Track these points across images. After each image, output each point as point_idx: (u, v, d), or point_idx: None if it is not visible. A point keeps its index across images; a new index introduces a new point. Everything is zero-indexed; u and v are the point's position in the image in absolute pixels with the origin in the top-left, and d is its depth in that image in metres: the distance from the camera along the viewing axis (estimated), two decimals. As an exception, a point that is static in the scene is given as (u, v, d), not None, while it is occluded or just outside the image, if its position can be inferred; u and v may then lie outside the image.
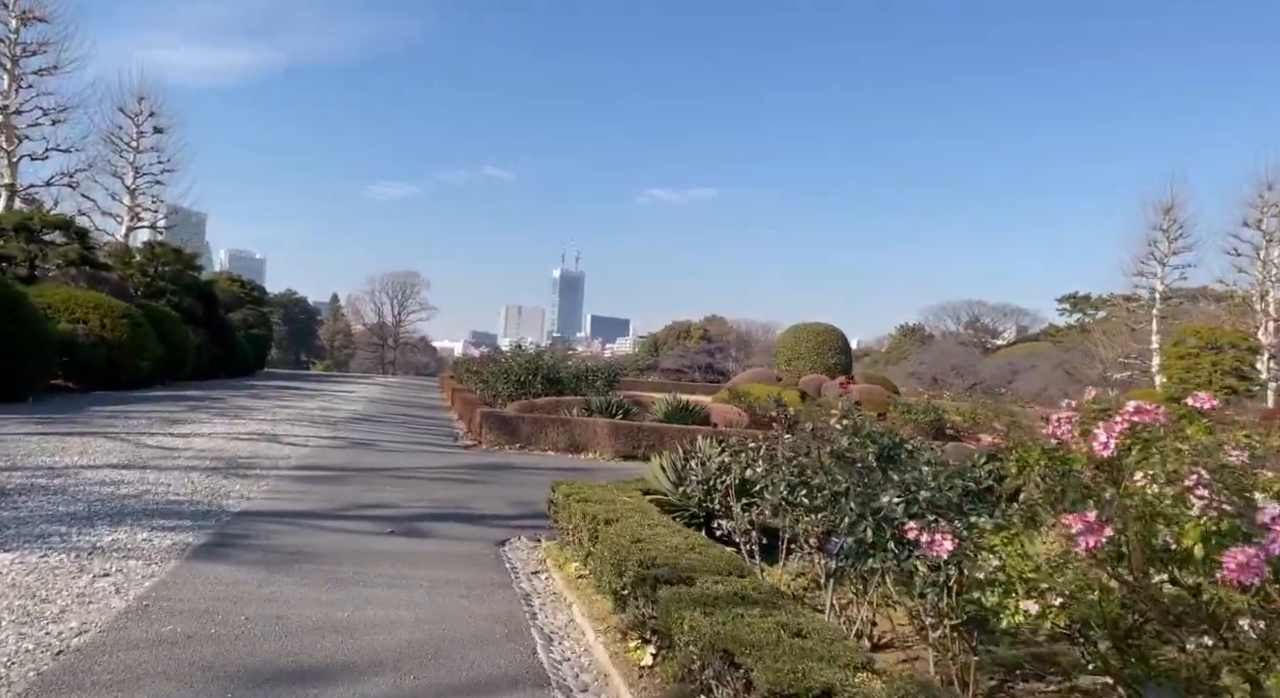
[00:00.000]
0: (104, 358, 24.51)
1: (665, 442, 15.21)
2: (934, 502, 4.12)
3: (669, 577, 4.71)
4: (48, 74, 34.65)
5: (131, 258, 33.71)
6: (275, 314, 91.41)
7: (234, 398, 23.29)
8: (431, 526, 8.37)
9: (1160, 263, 49.24)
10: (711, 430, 15.37)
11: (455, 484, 11.03)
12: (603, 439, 15.46)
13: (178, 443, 12.81)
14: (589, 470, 13.40)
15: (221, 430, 14.93)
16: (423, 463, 12.85)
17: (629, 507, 6.85)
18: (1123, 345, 50.12)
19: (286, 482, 10.12)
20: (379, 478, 10.99)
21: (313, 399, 25.39)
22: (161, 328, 28.52)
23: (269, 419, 17.55)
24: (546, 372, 19.53)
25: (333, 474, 11.01)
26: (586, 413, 16.95)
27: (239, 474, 10.28)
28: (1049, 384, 71.86)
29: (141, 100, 43.19)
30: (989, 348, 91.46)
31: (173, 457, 11.32)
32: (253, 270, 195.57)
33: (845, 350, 35.54)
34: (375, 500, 9.38)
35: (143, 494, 8.50)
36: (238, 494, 8.97)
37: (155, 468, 10.24)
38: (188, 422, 15.97)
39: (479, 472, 12.42)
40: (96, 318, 25.04)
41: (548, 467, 13.55)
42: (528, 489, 10.96)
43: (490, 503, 9.89)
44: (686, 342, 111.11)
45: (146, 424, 15.12)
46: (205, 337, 34.23)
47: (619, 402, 17.22)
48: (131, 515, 7.49)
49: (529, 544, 8.21)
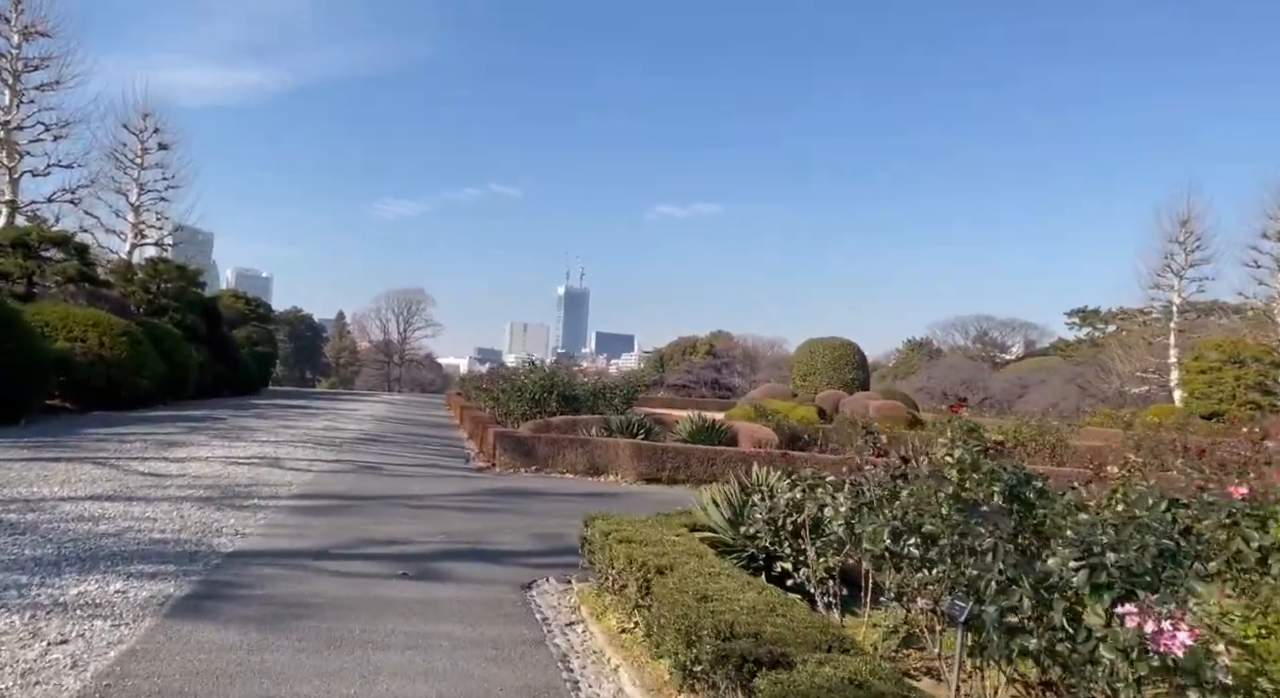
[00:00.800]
0: (102, 377, 23.60)
1: (691, 464, 14.24)
2: (1129, 567, 3.12)
3: (760, 656, 3.71)
4: (49, 89, 33.93)
5: (134, 275, 32.85)
6: (281, 331, 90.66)
7: (236, 418, 22.33)
8: (449, 566, 7.37)
9: (1177, 275, 48.22)
10: (740, 453, 14.37)
11: (471, 514, 10.03)
12: (624, 461, 14.46)
13: (171, 469, 11.83)
14: (614, 496, 12.40)
15: (220, 454, 13.95)
16: (434, 489, 11.85)
17: (681, 549, 5.86)
18: (1139, 359, 49.00)
19: (286, 513, 9.13)
20: (388, 507, 9.99)
21: (317, 418, 24.42)
22: (163, 346, 27.62)
23: (271, 441, 16.57)
24: (562, 389, 18.53)
25: (337, 504, 10.02)
26: (606, 433, 15.95)
27: (234, 505, 9.30)
28: (1060, 399, 70.79)
29: (146, 116, 42.53)
30: (998, 363, 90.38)
31: (163, 485, 10.33)
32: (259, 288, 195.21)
33: (862, 365, 34.55)
34: (384, 535, 8.39)
35: (123, 533, 7.51)
36: (231, 530, 7.98)
37: (143, 499, 9.26)
38: (185, 444, 15.00)
39: (496, 499, 11.41)
40: (95, 336, 24.14)
41: (569, 492, 12.54)
42: (550, 519, 9.96)
43: (511, 536, 8.88)
44: (693, 357, 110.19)
45: (140, 448, 14.16)
46: (208, 354, 33.32)
47: (639, 420, 16.22)
48: (107, 560, 6.51)
49: (559, 587, 7.21)
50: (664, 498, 12.40)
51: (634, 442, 14.51)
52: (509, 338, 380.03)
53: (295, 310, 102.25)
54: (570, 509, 10.76)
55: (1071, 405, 67.82)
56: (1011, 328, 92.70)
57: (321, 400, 39.15)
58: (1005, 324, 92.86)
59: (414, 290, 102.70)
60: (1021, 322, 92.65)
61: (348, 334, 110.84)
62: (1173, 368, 48.13)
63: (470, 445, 19.69)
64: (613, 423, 16.10)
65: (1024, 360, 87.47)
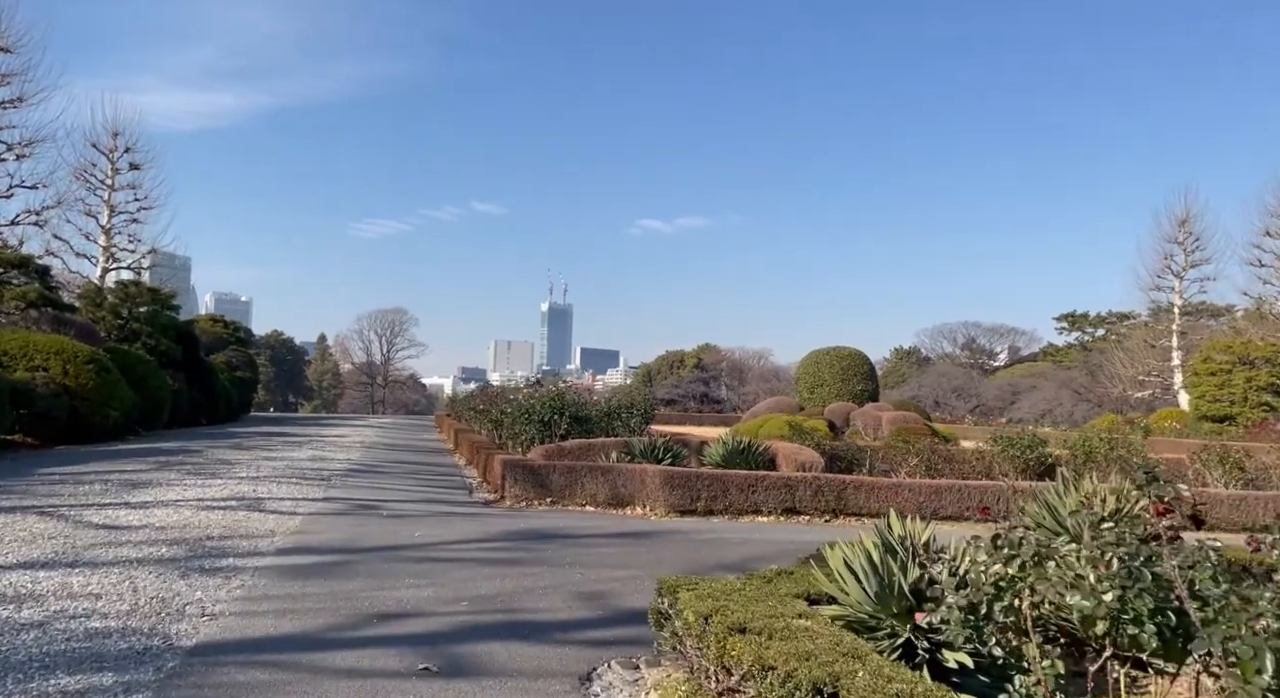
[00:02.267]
0: (66, 409, 21.57)
1: (729, 492, 12.50)
2: None
3: None
4: (11, 107, 31.97)
5: (104, 299, 30.78)
6: (262, 356, 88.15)
7: (214, 450, 20.35)
8: (481, 649, 5.59)
9: (1177, 276, 47.25)
10: (783, 478, 12.65)
11: (493, 568, 8.23)
12: (653, 491, 12.70)
13: (132, 518, 9.95)
14: (650, 536, 10.62)
15: (192, 496, 12.06)
16: (443, 533, 10.04)
17: (826, 644, 4.12)
18: (1141, 363, 47.83)
19: (269, 578, 7.30)
20: (393, 563, 8.18)
21: (302, 447, 22.46)
22: (134, 373, 25.57)
23: (251, 477, 14.67)
24: (574, 410, 16.74)
25: (331, 560, 8.20)
26: (628, 458, 14.18)
27: (203, 568, 7.46)
28: (1054, 405, 69.69)
29: (116, 135, 40.59)
30: (987, 369, 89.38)
31: (118, 542, 8.47)
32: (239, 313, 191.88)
33: (871, 376, 32.98)
34: (394, 605, 6.59)
35: (51, 621, 5.67)
36: (196, 609, 6.16)
37: (88, 564, 7.41)
38: (152, 485, 13.09)
39: (516, 544, 9.61)
40: (58, 364, 22.12)
41: (597, 531, 10.75)
42: (588, 571, 8.19)
43: (548, 599, 7.10)
44: (680, 371, 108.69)
45: (100, 490, 12.24)
46: (185, 381, 31.22)
47: (664, 443, 14.44)
48: (16, 671, 4.68)
49: (626, 677, 5.44)
50: (709, 536, 10.66)
51: (664, 469, 12.75)
52: (493, 356, 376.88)
53: (276, 334, 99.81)
54: (608, 556, 9.00)
55: (1065, 411, 66.70)
56: (999, 334, 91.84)
57: (306, 426, 37.05)
58: (993, 330, 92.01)
59: (396, 310, 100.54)
60: (1009, 327, 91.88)
61: (330, 357, 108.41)
62: (1175, 371, 47.00)
63: (470, 473, 17.86)
64: (635, 446, 14.32)
65: (1014, 367, 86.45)
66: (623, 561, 8.79)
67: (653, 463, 13.75)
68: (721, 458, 13.83)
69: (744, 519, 12.45)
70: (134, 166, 41.20)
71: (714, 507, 12.53)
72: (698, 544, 9.92)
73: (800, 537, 10.91)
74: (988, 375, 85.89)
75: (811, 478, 12.65)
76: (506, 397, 25.27)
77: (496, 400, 23.53)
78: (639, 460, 14.06)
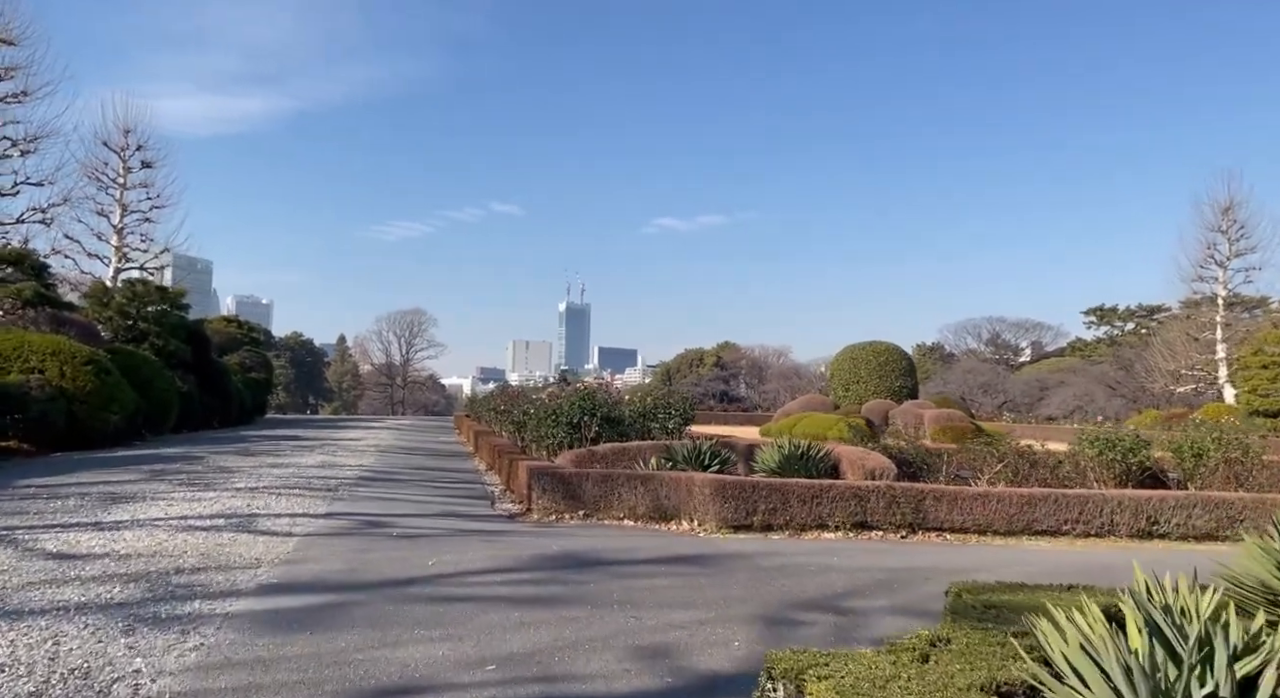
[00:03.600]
0: (64, 413, 20.10)
1: (789, 504, 10.73)
2: None
3: None
4: (15, 101, 30.63)
5: (110, 298, 29.37)
6: (282, 358, 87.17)
7: (216, 456, 18.79)
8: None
9: (1221, 266, 44.98)
10: (851, 488, 10.87)
11: (526, 610, 6.52)
12: (701, 503, 10.95)
13: (95, 543, 8.32)
14: (705, 560, 8.86)
15: (176, 512, 10.44)
16: (463, 560, 8.34)
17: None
18: (1184, 356, 45.56)
19: (239, 631, 5.62)
20: (400, 605, 6.48)
21: (312, 453, 20.87)
22: (139, 375, 24.11)
23: (249, 488, 13.05)
24: (606, 410, 15.00)
25: (323, 601, 6.52)
26: (669, 464, 12.45)
27: (157, 619, 5.79)
28: (1084, 401, 67.33)
29: (128, 133, 39.26)
30: (1012, 365, 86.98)
31: (64, 578, 6.82)
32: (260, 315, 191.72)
33: (910, 372, 31.06)
34: (396, 674, 4.88)
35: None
36: (127, 688, 4.46)
37: (10, 614, 5.75)
38: (135, 499, 11.48)
39: (552, 575, 7.89)
40: (55, 366, 20.66)
41: (645, 555, 9.01)
42: (644, 613, 6.46)
43: (600, 658, 5.38)
44: (700, 369, 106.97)
45: (74, 507, 10.64)
46: (195, 383, 29.80)
47: (710, 447, 12.68)
48: None
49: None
50: (776, 560, 8.90)
51: (714, 477, 10.99)
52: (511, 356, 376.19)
53: (296, 335, 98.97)
54: (664, 591, 7.26)
55: (1098, 407, 64.31)
56: (1025, 329, 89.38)
57: (321, 429, 35.58)
58: (1018, 325, 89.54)
59: (415, 311, 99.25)
60: (1034, 322, 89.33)
61: (349, 358, 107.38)
62: (1220, 364, 44.77)
63: (491, 480, 16.19)
64: (677, 452, 12.56)
65: (1040, 362, 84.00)
66: (683, 598, 7.06)
67: (698, 470, 12.01)
68: (777, 464, 12.05)
69: (807, 536, 10.69)
70: (146, 164, 39.88)
71: (772, 521, 10.76)
72: (768, 574, 8.17)
73: (884, 560, 9.14)
74: (1013, 371, 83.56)
75: (885, 488, 10.86)
76: (529, 397, 23.61)
77: (518, 401, 21.87)
78: (681, 467, 12.32)
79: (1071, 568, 8.73)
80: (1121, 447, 12.24)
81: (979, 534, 10.86)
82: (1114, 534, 10.87)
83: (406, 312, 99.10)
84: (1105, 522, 10.88)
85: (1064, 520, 10.86)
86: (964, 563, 9.06)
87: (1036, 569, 8.61)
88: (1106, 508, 10.90)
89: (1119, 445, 12.25)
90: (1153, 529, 10.88)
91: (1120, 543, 10.78)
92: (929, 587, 7.63)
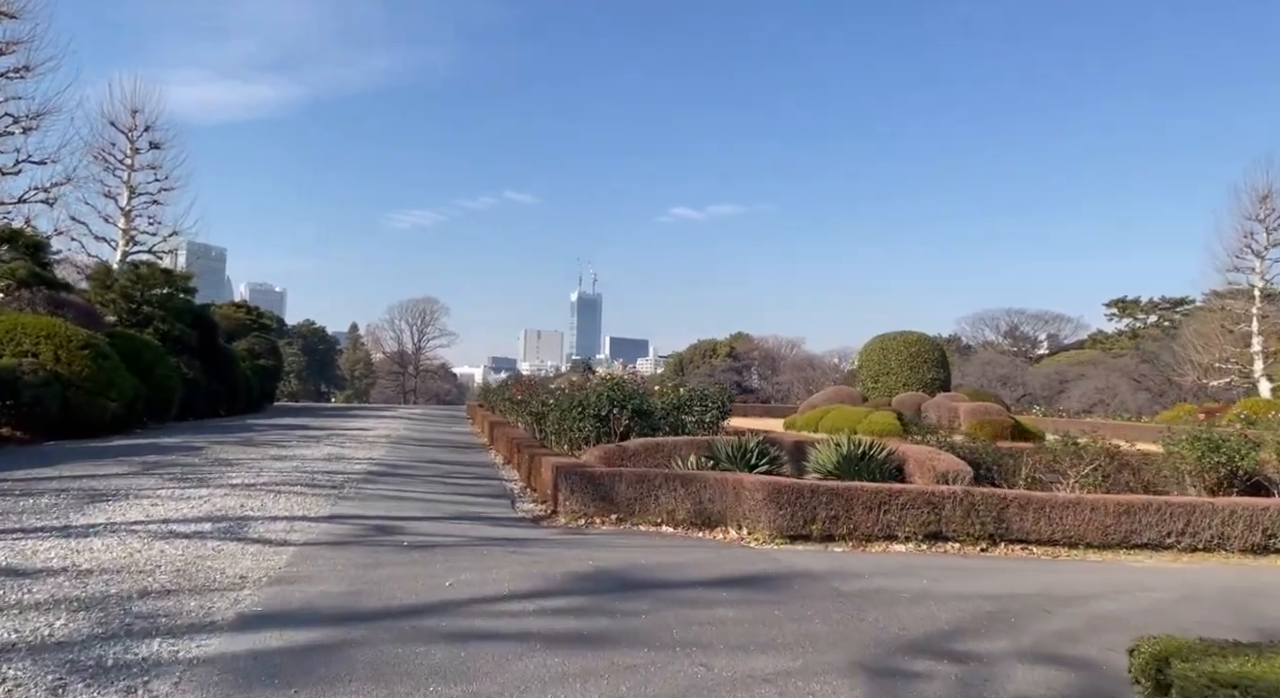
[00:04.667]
0: (59, 399, 18.90)
1: (853, 512, 9.36)
2: None
3: None
4: (16, 77, 29.42)
5: (114, 281, 28.18)
6: (294, 345, 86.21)
7: (217, 446, 17.54)
8: None
9: (1258, 256, 43.23)
10: (923, 493, 9.49)
11: (566, 653, 5.18)
12: (751, 508, 9.58)
13: (54, 554, 7.03)
14: (773, 580, 7.49)
15: (160, 514, 9.15)
16: (485, 578, 7.00)
17: None
18: (1218, 349, 43.87)
19: (205, 689, 4.30)
20: (410, 645, 5.15)
21: (319, 444, 19.62)
22: (140, 360, 22.90)
23: (246, 484, 11.77)
24: (638, 402, 13.62)
25: (315, 640, 5.19)
26: (710, 463, 11.09)
27: (99, 668, 4.47)
28: (1106, 394, 65.59)
29: (135, 113, 38.05)
30: (1031, 357, 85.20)
31: (1, 604, 5.53)
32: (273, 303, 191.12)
33: (942, 363, 29.58)
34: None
35: None
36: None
37: (-88, 662, 4.46)
38: (117, 496, 10.20)
39: (592, 601, 6.55)
40: (49, 349, 19.45)
41: (697, 575, 7.63)
42: (714, 659, 5.11)
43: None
44: (713, 360, 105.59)
45: (46, 505, 9.37)
46: (201, 369, 28.61)
47: (758, 445, 11.30)
48: None
49: None
50: (857, 583, 7.51)
51: (766, 480, 9.61)
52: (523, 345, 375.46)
53: (308, 323, 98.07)
54: (730, 625, 5.90)
55: (1122, 400, 62.57)
56: (1043, 321, 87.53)
57: (331, 418, 34.41)
58: (1036, 317, 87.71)
59: (427, 299, 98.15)
60: (1053, 314, 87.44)
61: (362, 346, 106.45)
62: (1256, 357, 43.08)
63: (510, 475, 14.89)
64: (720, 449, 11.18)
65: (1059, 354, 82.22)
66: (757, 636, 5.70)
67: (744, 470, 10.64)
68: (835, 465, 10.66)
69: (873, 548, 9.31)
70: (154, 145, 38.68)
71: (833, 531, 9.39)
72: (851, 602, 6.79)
73: (980, 584, 7.74)
74: (1032, 363, 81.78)
75: (961, 493, 9.46)
76: (546, 386, 22.32)
77: (536, 391, 20.57)
78: (725, 467, 10.96)
79: (1211, 595, 7.36)
80: (1228, 449, 10.81)
81: (1068, 547, 9.47)
82: (1224, 548, 9.46)
83: (419, 300, 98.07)
84: (1215, 534, 9.47)
85: (1168, 533, 9.46)
86: (1074, 587, 7.68)
87: (1169, 595, 7.24)
88: (1216, 519, 9.49)
89: (1223, 447, 10.82)
90: (1269, 544, 9.46)
91: (1234, 559, 9.38)
92: (1053, 622, 6.27)
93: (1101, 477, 10.88)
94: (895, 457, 11.14)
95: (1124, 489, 11.00)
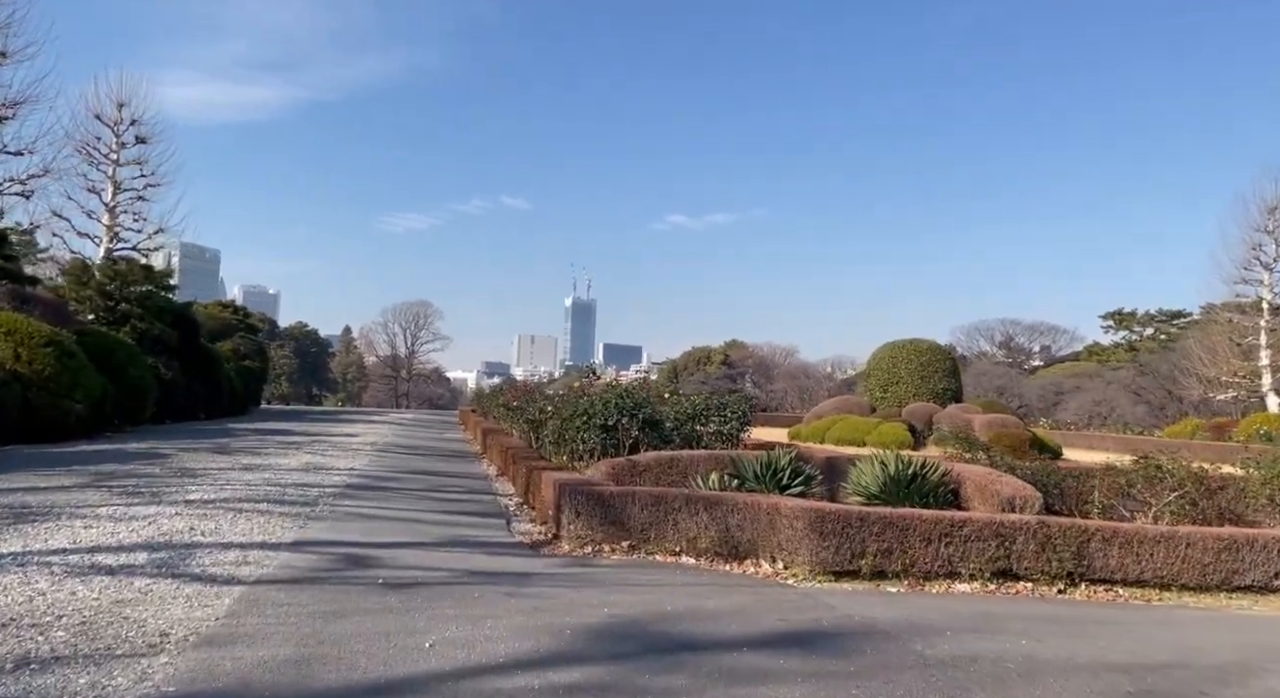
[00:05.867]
0: (18, 399, 17.31)
1: (909, 544, 7.87)
2: None
3: None
4: (-8, 62, 27.78)
5: (90, 277, 26.57)
6: (286, 347, 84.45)
7: (185, 454, 15.96)
8: None
9: (1266, 268, 42.06)
10: (991, 523, 8.00)
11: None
12: (790, 539, 8.09)
13: (-71, 600, 5.49)
14: (835, 639, 5.97)
15: (88, 540, 7.60)
16: (476, 637, 5.49)
17: None
18: (1225, 363, 42.64)
19: None
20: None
21: (298, 451, 18.04)
22: (112, 359, 21.31)
23: (204, 500, 10.21)
24: (649, 412, 12.13)
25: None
26: (735, 482, 9.59)
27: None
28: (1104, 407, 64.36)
29: (121, 107, 36.35)
30: (1026, 369, 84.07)
31: None
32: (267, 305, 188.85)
33: (953, 373, 28.18)
34: None
35: None
36: None
37: None
38: (48, 516, 8.64)
39: (615, 673, 5.03)
40: (8, 347, 17.86)
41: (742, 632, 6.11)
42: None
43: None
44: (707, 367, 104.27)
45: (-43, 528, 7.81)
46: (180, 370, 27.00)
47: (791, 463, 9.80)
48: None
49: None
50: (940, 647, 5.96)
51: (811, 506, 8.11)
52: (517, 351, 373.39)
53: (301, 325, 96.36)
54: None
55: (1120, 414, 61.30)
56: (1038, 332, 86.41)
57: (317, 422, 32.77)
58: (1031, 328, 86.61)
59: (420, 303, 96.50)
60: (1048, 325, 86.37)
61: (354, 349, 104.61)
62: (1264, 371, 41.88)
63: (504, 489, 13.38)
64: (746, 466, 9.67)
65: (1055, 366, 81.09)
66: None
67: (776, 491, 9.15)
68: (880, 488, 9.18)
69: (933, 588, 7.83)
70: (141, 140, 36.94)
71: (885, 566, 7.90)
72: (947, 676, 5.25)
73: (1096, 649, 6.21)
74: (1027, 375, 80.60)
75: (1036, 524, 7.99)
76: (544, 392, 20.83)
77: (534, 397, 19.06)
78: (752, 487, 9.46)
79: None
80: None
81: (1159, 589, 8.02)
82: (1341, 592, 8.02)
83: (412, 303, 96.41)
84: (1335, 578, 8.03)
85: (1275, 573, 8.01)
86: (1213, 650, 6.21)
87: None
88: (1335, 557, 8.05)
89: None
90: (1394, 586, 8.03)
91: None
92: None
93: (1189, 504, 9.45)
94: (953, 478, 9.68)
95: (1207, 521, 9.57)
